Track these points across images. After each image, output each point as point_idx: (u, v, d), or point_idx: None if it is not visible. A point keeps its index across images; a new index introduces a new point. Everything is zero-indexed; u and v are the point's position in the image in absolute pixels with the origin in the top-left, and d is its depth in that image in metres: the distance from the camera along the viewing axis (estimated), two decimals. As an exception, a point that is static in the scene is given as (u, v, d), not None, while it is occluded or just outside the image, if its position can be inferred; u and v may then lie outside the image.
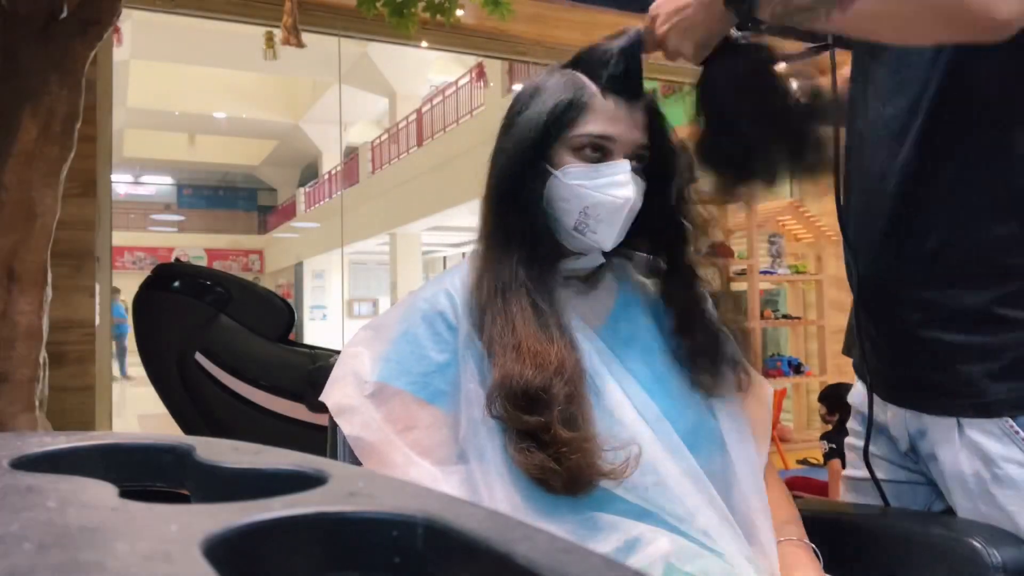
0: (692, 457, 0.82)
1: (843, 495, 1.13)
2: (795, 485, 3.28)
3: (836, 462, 3.14)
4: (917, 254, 0.95)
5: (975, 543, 0.84)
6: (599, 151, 0.86)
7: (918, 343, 0.95)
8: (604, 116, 0.86)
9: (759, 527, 0.84)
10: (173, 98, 13.92)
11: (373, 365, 0.84)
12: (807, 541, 0.88)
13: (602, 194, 0.85)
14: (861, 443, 1.08)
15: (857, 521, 1.00)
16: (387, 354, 0.84)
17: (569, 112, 0.86)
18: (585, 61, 0.90)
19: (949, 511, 0.99)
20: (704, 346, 0.91)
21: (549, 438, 0.75)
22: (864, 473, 1.08)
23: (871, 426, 1.04)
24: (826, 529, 0.92)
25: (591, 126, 0.86)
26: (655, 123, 0.89)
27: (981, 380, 0.90)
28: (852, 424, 1.13)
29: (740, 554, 0.78)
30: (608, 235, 0.86)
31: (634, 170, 0.86)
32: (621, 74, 0.87)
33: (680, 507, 0.78)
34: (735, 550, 0.78)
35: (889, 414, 1.03)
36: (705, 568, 0.74)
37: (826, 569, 0.86)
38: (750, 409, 0.92)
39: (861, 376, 1.09)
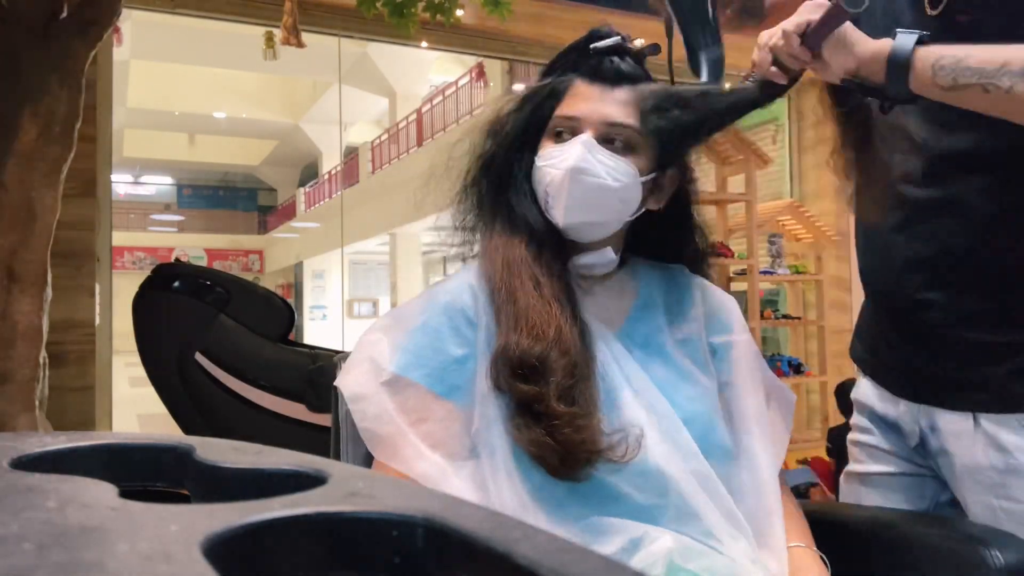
0: (703, 457, 0.81)
1: (845, 490, 1.12)
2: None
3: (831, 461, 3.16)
4: (939, 258, 0.95)
5: (978, 546, 0.84)
6: (571, 133, 0.87)
7: (940, 342, 0.96)
8: (576, 98, 0.88)
9: (772, 531, 0.83)
10: (173, 98, 13.91)
11: (391, 353, 0.84)
12: (815, 548, 0.87)
13: (555, 169, 0.86)
14: (867, 438, 1.09)
15: (859, 523, 1.00)
16: (405, 344, 0.84)
17: (549, 100, 0.89)
18: (572, 53, 0.91)
19: (954, 504, 1.00)
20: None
21: (543, 409, 0.75)
22: (871, 468, 1.08)
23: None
24: (828, 531, 0.92)
25: (562, 109, 0.89)
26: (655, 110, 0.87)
27: (1004, 378, 0.91)
28: (858, 420, 1.13)
29: (746, 556, 0.78)
30: (558, 211, 0.86)
31: (604, 144, 0.86)
32: (597, 60, 0.89)
33: (686, 506, 0.78)
34: (741, 552, 0.77)
35: (901, 408, 1.04)
36: (709, 566, 0.74)
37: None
38: (770, 413, 0.92)
39: (870, 372, 1.09)
